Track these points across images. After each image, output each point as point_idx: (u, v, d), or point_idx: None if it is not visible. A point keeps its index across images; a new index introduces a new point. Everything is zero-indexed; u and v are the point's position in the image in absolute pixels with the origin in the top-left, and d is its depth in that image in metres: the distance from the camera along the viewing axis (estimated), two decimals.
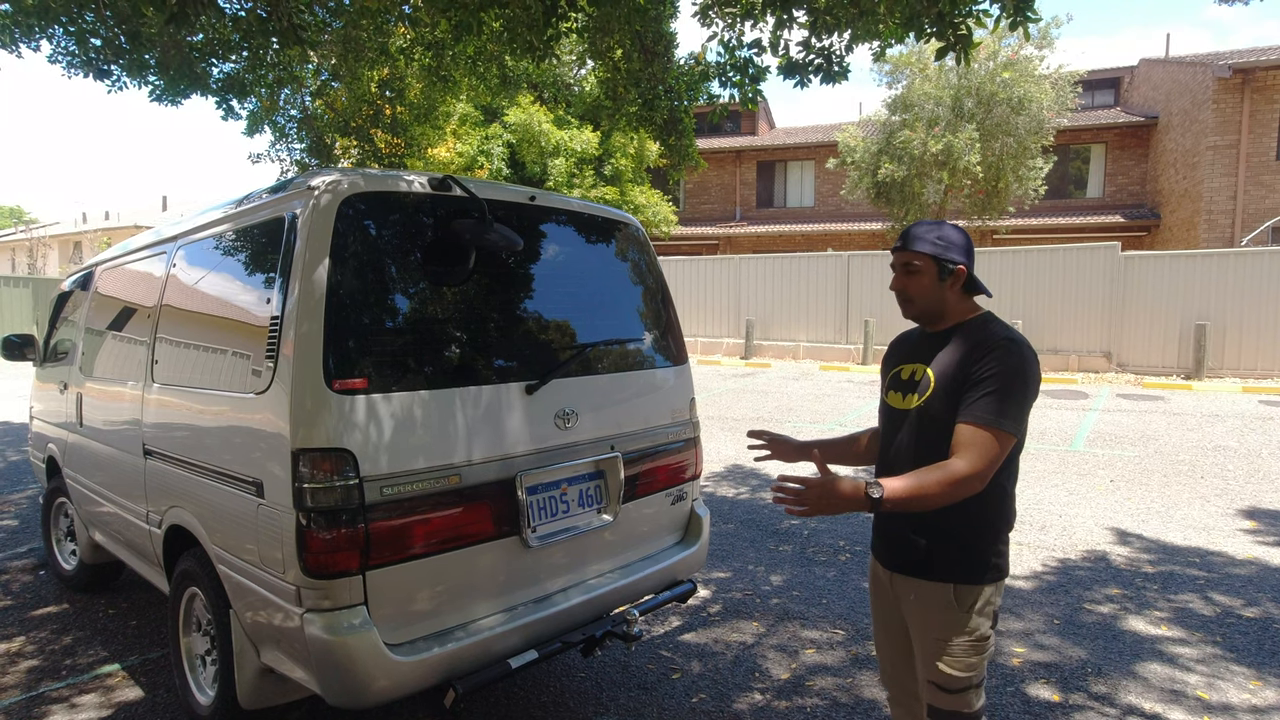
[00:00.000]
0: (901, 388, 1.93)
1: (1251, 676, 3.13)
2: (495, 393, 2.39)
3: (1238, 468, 6.72)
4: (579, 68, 19.54)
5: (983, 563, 1.81)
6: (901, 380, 1.94)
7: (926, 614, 1.85)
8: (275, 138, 10.44)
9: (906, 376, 1.93)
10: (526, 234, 2.59)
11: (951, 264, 1.84)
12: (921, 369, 1.88)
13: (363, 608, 2.08)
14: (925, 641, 1.86)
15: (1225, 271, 12.31)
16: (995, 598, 1.85)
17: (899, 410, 1.92)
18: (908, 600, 1.90)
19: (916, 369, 1.90)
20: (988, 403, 1.70)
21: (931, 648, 1.84)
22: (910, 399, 1.88)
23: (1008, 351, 1.74)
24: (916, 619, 1.89)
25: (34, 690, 3.12)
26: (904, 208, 17.77)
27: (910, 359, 1.95)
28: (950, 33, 3.89)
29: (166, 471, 2.79)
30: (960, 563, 1.81)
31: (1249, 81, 15.93)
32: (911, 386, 1.89)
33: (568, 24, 5.60)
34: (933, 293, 1.86)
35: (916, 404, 1.86)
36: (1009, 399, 1.70)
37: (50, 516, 4.42)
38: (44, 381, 4.44)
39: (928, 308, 1.89)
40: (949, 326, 1.88)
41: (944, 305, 1.87)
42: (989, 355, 1.74)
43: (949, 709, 1.84)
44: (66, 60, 5.73)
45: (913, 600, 1.88)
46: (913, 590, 1.88)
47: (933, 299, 1.87)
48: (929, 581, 1.84)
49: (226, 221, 2.72)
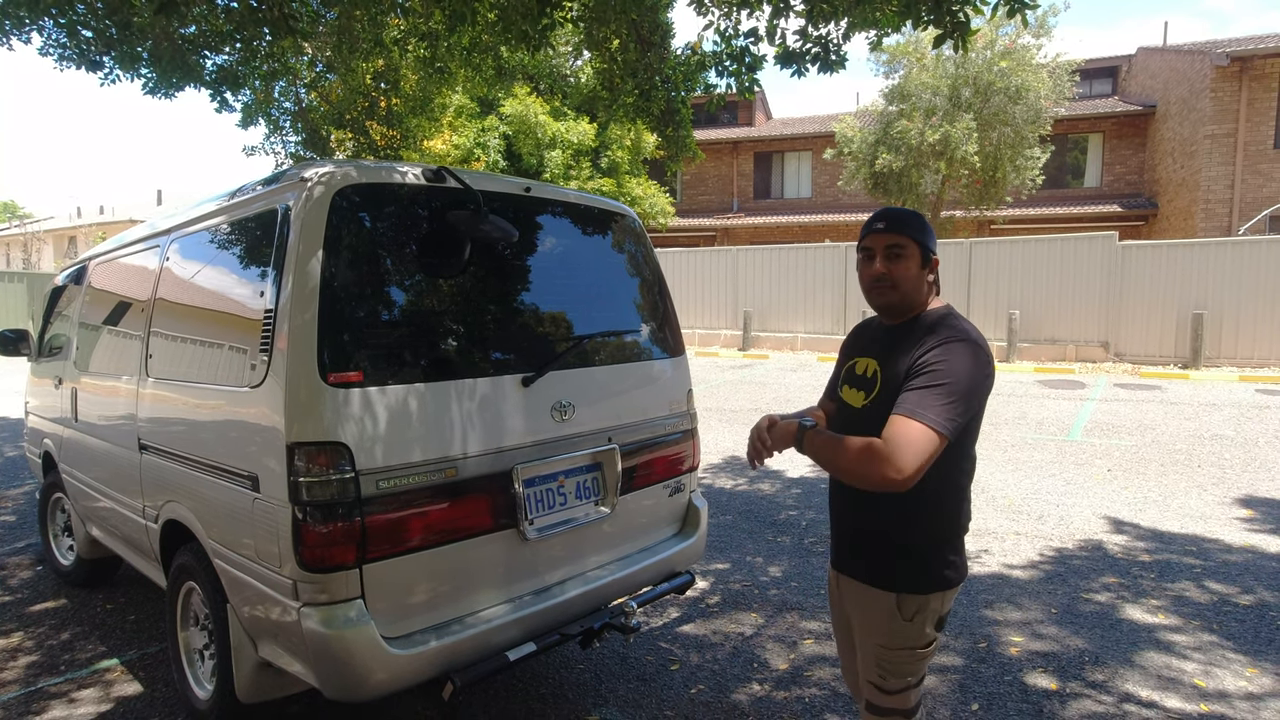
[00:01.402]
0: (856, 383, 1.85)
1: (1247, 664, 3.14)
2: (491, 385, 2.38)
3: (1234, 456, 6.73)
4: (575, 58, 19.45)
5: (931, 573, 1.75)
6: (856, 375, 1.86)
7: (868, 619, 1.81)
8: (270, 130, 10.40)
9: (861, 371, 1.84)
10: (522, 226, 2.58)
11: (930, 254, 1.78)
12: (873, 364, 1.81)
13: (359, 601, 2.08)
14: (866, 645, 1.83)
15: (1223, 260, 12.31)
16: (944, 603, 1.78)
17: (852, 409, 1.83)
18: (852, 603, 1.87)
19: (869, 364, 1.83)
20: (925, 395, 1.58)
21: (872, 652, 1.80)
22: (860, 396, 1.81)
23: (956, 353, 1.62)
24: (858, 621, 1.86)
25: (32, 685, 3.11)
26: (901, 198, 17.73)
27: (865, 353, 1.87)
28: (948, 20, 3.86)
29: (162, 466, 2.78)
30: (906, 573, 1.75)
31: (1247, 70, 15.89)
32: (864, 384, 1.81)
33: (562, 14, 5.55)
34: (916, 281, 1.76)
35: (864, 404, 1.79)
36: (947, 398, 1.57)
37: (47, 512, 4.41)
38: (39, 377, 4.42)
39: (908, 296, 1.77)
40: (909, 319, 1.80)
41: (920, 295, 1.79)
42: (936, 348, 1.65)
43: (887, 707, 1.82)
44: (58, 53, 5.68)
45: (855, 603, 1.85)
46: (856, 593, 1.84)
47: (915, 287, 1.77)
48: (872, 588, 1.79)
49: (220, 214, 2.70)
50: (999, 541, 4.68)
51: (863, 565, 1.81)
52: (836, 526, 1.92)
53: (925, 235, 1.77)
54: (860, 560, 1.82)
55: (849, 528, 1.86)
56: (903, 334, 1.78)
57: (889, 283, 1.75)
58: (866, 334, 1.93)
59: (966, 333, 1.69)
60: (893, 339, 1.80)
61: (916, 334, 1.74)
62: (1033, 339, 13.80)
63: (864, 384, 1.81)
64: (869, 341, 1.88)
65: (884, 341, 1.82)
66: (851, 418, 1.82)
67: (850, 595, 1.86)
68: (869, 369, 1.81)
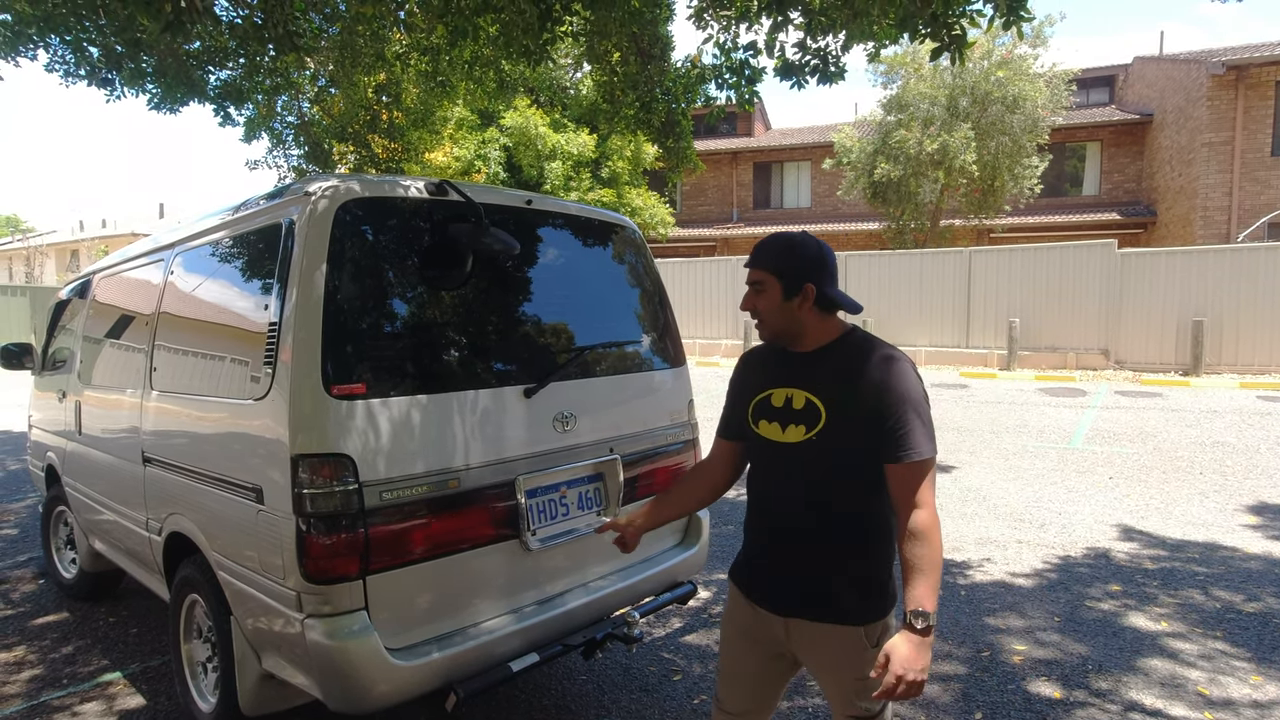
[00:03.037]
0: (777, 418, 1.74)
1: (1253, 671, 3.13)
2: (493, 396, 2.39)
3: (1236, 463, 6.73)
4: (575, 71, 19.57)
5: (887, 595, 1.74)
6: (775, 409, 1.75)
7: (836, 657, 1.73)
8: (272, 144, 10.46)
9: (781, 404, 1.74)
10: (523, 238, 2.60)
11: (798, 282, 1.69)
12: (801, 395, 1.71)
13: (363, 613, 2.08)
14: (843, 683, 1.73)
15: (1222, 267, 12.34)
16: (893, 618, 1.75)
17: (779, 444, 1.73)
18: (810, 646, 1.75)
19: (792, 395, 1.72)
20: (909, 433, 1.60)
21: (851, 687, 1.72)
22: (794, 431, 1.70)
23: (903, 373, 1.63)
24: (821, 662, 1.75)
25: (36, 699, 3.11)
26: (900, 207, 17.79)
27: (779, 383, 1.76)
28: (944, 33, 3.90)
29: (166, 479, 2.79)
30: (869, 603, 1.71)
31: (1243, 78, 15.97)
32: (793, 416, 1.71)
33: (563, 28, 5.61)
34: (783, 313, 1.71)
35: (805, 437, 1.68)
36: (925, 422, 1.62)
37: (50, 525, 4.41)
38: (42, 390, 4.44)
39: (781, 328, 1.74)
40: (817, 348, 1.74)
41: (799, 325, 1.72)
42: (887, 379, 1.63)
43: None
44: (64, 69, 5.73)
45: (820, 646, 1.73)
46: (820, 636, 1.72)
47: (784, 319, 1.72)
48: (842, 626, 1.70)
49: (224, 228, 2.73)
50: (1001, 550, 4.67)
51: (827, 607, 1.71)
52: (776, 568, 1.78)
53: (786, 264, 1.70)
54: (823, 602, 1.72)
55: (799, 570, 1.75)
56: (826, 362, 1.72)
57: (758, 318, 1.76)
58: (770, 362, 1.82)
59: (898, 357, 1.68)
60: (809, 367, 1.73)
61: (847, 367, 1.68)
62: (1033, 347, 13.80)
63: (797, 416, 1.71)
64: (781, 371, 1.78)
65: (804, 371, 1.73)
66: (785, 453, 1.72)
67: (807, 638, 1.74)
68: (793, 399, 1.72)
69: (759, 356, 1.88)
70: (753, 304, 1.75)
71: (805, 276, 1.69)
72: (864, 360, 1.67)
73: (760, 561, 1.82)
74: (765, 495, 1.81)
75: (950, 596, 3.98)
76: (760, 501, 1.83)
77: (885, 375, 1.64)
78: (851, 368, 1.68)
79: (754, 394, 1.81)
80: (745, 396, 1.84)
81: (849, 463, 1.67)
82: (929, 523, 1.60)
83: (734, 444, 1.91)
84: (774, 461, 1.76)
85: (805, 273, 1.70)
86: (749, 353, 1.93)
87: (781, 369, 1.78)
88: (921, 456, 1.60)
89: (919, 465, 1.60)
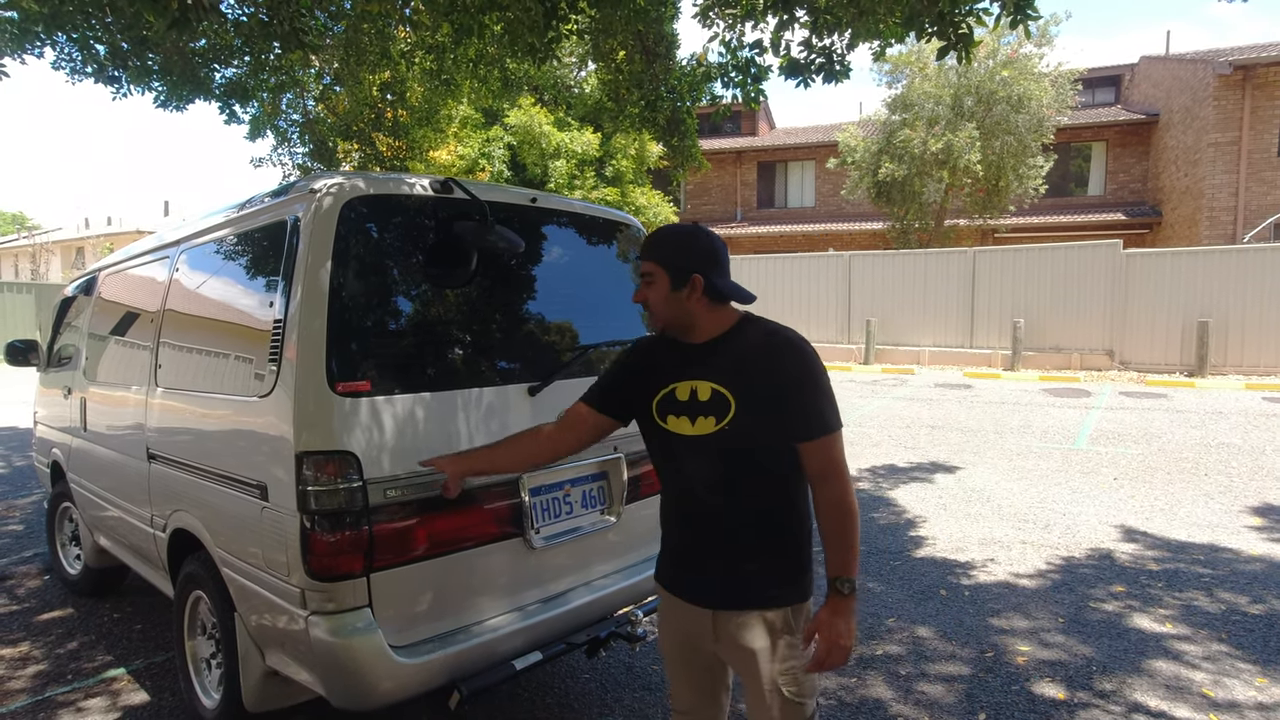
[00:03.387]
0: (685, 411, 1.72)
1: (1257, 673, 3.12)
2: (498, 394, 2.39)
3: (1242, 465, 6.70)
4: (579, 70, 19.56)
5: (807, 576, 1.74)
6: (681, 402, 1.72)
7: (765, 645, 1.70)
8: (277, 142, 10.46)
9: (686, 397, 1.72)
10: (528, 236, 2.59)
11: (685, 273, 1.69)
12: (707, 386, 1.70)
13: (367, 610, 2.08)
14: (768, 674, 1.70)
15: (1227, 268, 12.29)
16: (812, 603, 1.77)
17: (691, 437, 1.70)
18: (736, 637, 1.72)
19: (696, 387, 1.71)
20: (819, 410, 1.64)
21: (777, 679, 1.70)
22: (704, 423, 1.68)
23: (802, 352, 1.66)
24: (752, 653, 1.71)
25: (40, 695, 3.12)
26: (905, 207, 17.76)
27: (681, 376, 1.74)
28: (951, 32, 3.89)
29: (170, 475, 2.79)
30: (793, 582, 1.72)
31: (1250, 78, 15.90)
32: (700, 409, 1.69)
33: (568, 26, 5.60)
34: (672, 304, 1.72)
35: (716, 429, 1.67)
36: (829, 395, 1.66)
37: (55, 521, 4.43)
38: (48, 387, 4.45)
39: (671, 319, 1.74)
40: (711, 339, 1.73)
41: (691, 317, 1.72)
42: (789, 362, 1.65)
43: None
44: (71, 66, 5.75)
45: (746, 636, 1.71)
46: (745, 625, 1.70)
47: (674, 311, 1.72)
48: (766, 611, 1.69)
49: (229, 226, 2.73)
50: (1005, 550, 4.66)
51: (751, 593, 1.71)
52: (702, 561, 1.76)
53: (673, 255, 1.71)
54: (746, 589, 1.71)
55: (723, 559, 1.73)
56: (724, 351, 1.71)
57: (647, 310, 1.77)
58: (668, 355, 1.80)
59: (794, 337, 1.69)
60: (707, 359, 1.72)
61: (747, 355, 1.68)
62: (1037, 347, 13.77)
63: (705, 408, 1.69)
64: (680, 363, 1.76)
65: (704, 362, 1.72)
66: (698, 445, 1.70)
67: (733, 629, 1.72)
68: (698, 391, 1.71)
69: (654, 347, 1.86)
70: (643, 295, 1.76)
71: (693, 268, 1.70)
72: (762, 346, 1.69)
73: (681, 556, 1.82)
74: (681, 489, 1.80)
75: (954, 597, 3.97)
76: (676, 496, 1.82)
77: (784, 358, 1.66)
78: (750, 354, 1.69)
79: (657, 389, 1.78)
80: (644, 389, 1.81)
81: (761, 448, 1.68)
82: (845, 492, 1.65)
83: (598, 415, 1.87)
84: (687, 455, 1.74)
85: (693, 264, 1.70)
86: (644, 340, 1.92)
87: (681, 362, 1.76)
88: (831, 430, 1.66)
89: (830, 439, 1.65)
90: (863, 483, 6.39)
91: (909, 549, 4.72)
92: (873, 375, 13.85)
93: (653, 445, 1.84)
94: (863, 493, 6.06)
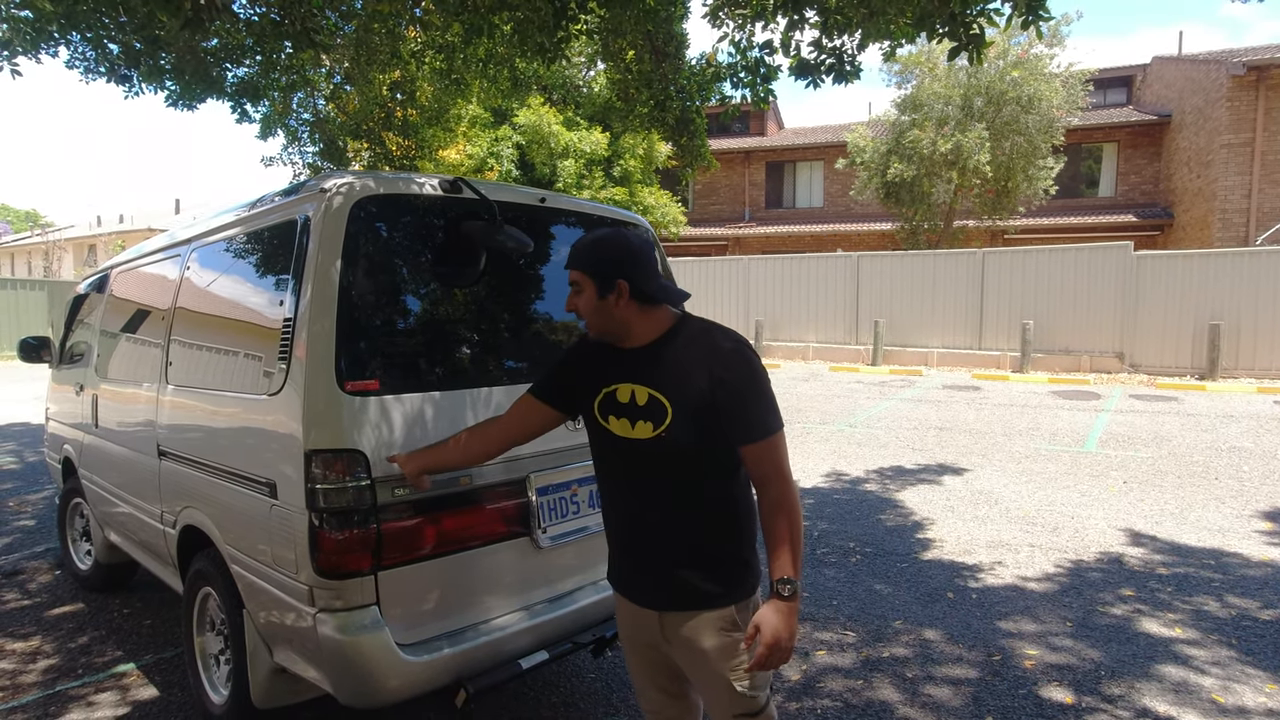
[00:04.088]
0: (626, 413, 1.71)
1: (1267, 680, 3.09)
2: (506, 394, 2.40)
3: (1253, 469, 6.65)
4: (588, 69, 19.57)
5: (751, 573, 1.75)
6: (621, 404, 1.71)
7: (714, 644, 1.70)
8: (288, 141, 10.51)
9: (626, 400, 1.71)
10: (537, 236, 2.60)
11: (610, 280, 1.66)
12: (644, 391, 1.68)
13: (375, 608, 2.09)
14: (720, 672, 1.70)
15: (1239, 270, 12.19)
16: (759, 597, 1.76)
17: (631, 440, 1.70)
18: (684, 638, 1.72)
19: (635, 390, 1.70)
20: (760, 413, 1.63)
21: (727, 676, 1.70)
22: (642, 427, 1.68)
23: (740, 356, 1.65)
24: (702, 652, 1.71)
25: (51, 689, 3.15)
26: (913, 208, 17.69)
27: (621, 378, 1.73)
28: (962, 32, 3.87)
29: (180, 472, 2.81)
30: (737, 581, 1.72)
31: (1264, 79, 15.76)
32: (639, 413, 1.69)
33: (578, 26, 5.61)
34: (600, 312, 1.70)
35: (654, 434, 1.66)
36: (770, 398, 1.65)
37: (66, 517, 4.46)
38: (60, 383, 4.49)
39: (602, 327, 1.72)
40: (649, 342, 1.71)
41: (622, 324, 1.70)
42: (727, 366, 1.63)
43: None
44: (84, 66, 5.79)
45: (694, 636, 1.71)
46: (692, 625, 1.71)
47: (602, 318, 1.70)
48: (712, 611, 1.70)
49: (239, 224, 2.75)
50: (1013, 553, 4.64)
51: (697, 592, 1.71)
52: (649, 563, 1.76)
53: (595, 262, 1.69)
54: (693, 589, 1.71)
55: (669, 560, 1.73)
56: (660, 356, 1.69)
57: (579, 317, 1.75)
58: (603, 359, 1.78)
59: (736, 339, 1.69)
60: (646, 362, 1.70)
61: (686, 359, 1.67)
62: (1047, 349, 13.69)
63: (643, 413, 1.68)
64: (620, 365, 1.74)
65: (636, 364, 1.71)
66: (637, 449, 1.70)
67: (682, 630, 1.72)
68: (637, 395, 1.70)
69: (587, 350, 1.85)
70: (574, 305, 1.74)
71: (616, 273, 1.67)
72: (699, 349, 1.67)
73: (625, 559, 1.82)
74: (621, 491, 1.80)
75: (961, 599, 3.95)
76: (617, 498, 1.82)
77: (722, 361, 1.64)
78: (687, 359, 1.67)
79: (599, 387, 1.77)
80: (588, 386, 1.80)
81: (700, 452, 1.67)
82: (788, 494, 1.64)
83: (544, 407, 1.89)
84: (625, 457, 1.74)
85: (616, 270, 1.67)
86: (579, 347, 1.90)
87: (620, 364, 1.75)
88: (772, 433, 1.64)
89: (771, 441, 1.64)
90: (870, 484, 6.37)
91: (916, 551, 4.70)
92: (881, 376, 13.81)
93: (594, 443, 1.84)
94: (870, 494, 6.04)
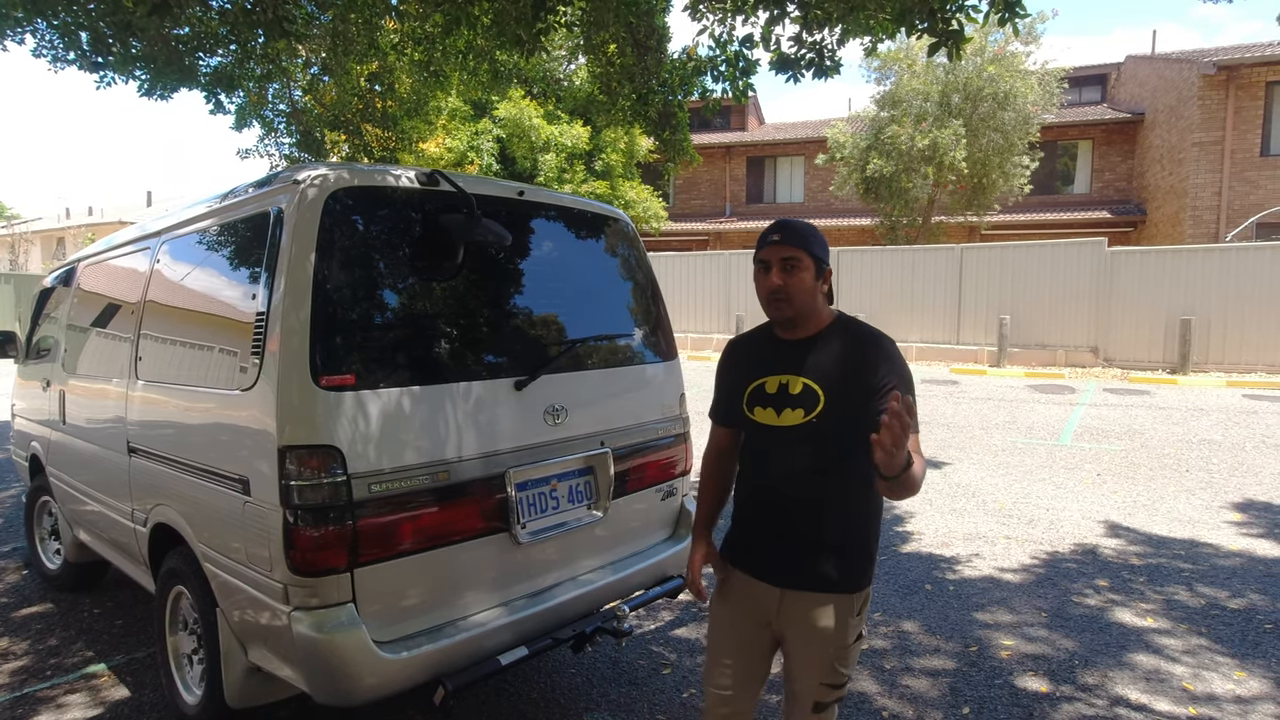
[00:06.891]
0: (772, 403, 1.80)
1: (1236, 667, 3.16)
2: (484, 389, 2.37)
3: (1222, 461, 6.79)
4: (569, 63, 19.47)
5: (872, 564, 1.86)
6: (769, 395, 1.81)
7: (831, 626, 1.78)
8: (264, 132, 10.34)
9: (775, 390, 1.80)
10: (515, 229, 2.57)
11: (824, 265, 1.78)
12: (797, 381, 1.77)
13: (351, 605, 2.07)
14: (824, 651, 1.80)
15: (1210, 267, 12.42)
16: None
17: (777, 428, 1.79)
18: (803, 615, 1.80)
19: (789, 381, 1.78)
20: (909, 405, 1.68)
21: (831, 655, 1.80)
22: (790, 415, 1.77)
23: (894, 354, 1.74)
24: (817, 632, 1.79)
25: (20, 691, 3.08)
26: (892, 203, 17.81)
27: (773, 370, 1.82)
28: (941, 28, 3.89)
29: (151, 469, 2.76)
30: (860, 571, 1.81)
31: (1234, 78, 16.04)
32: (789, 401, 1.77)
33: (556, 18, 5.56)
34: (811, 293, 1.77)
35: (804, 420, 1.75)
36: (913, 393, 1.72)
37: (34, 515, 4.37)
38: (26, 379, 4.38)
39: (804, 309, 1.78)
40: (813, 333, 1.81)
41: (815, 311, 1.80)
42: (881, 360, 1.72)
43: (834, 699, 1.86)
44: (53, 53, 5.64)
45: (814, 616, 1.79)
46: (816, 605, 1.79)
47: (809, 299, 1.78)
48: (839, 595, 1.79)
49: (211, 216, 2.69)
50: (990, 545, 4.70)
51: (829, 576, 1.78)
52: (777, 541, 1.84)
53: (818, 247, 1.78)
54: (825, 572, 1.79)
55: (802, 541, 1.81)
56: (813, 348, 1.79)
57: (783, 296, 1.77)
58: (762, 351, 1.89)
59: (886, 336, 1.79)
60: (803, 353, 1.80)
61: (842, 349, 1.77)
62: (1023, 344, 13.87)
63: (794, 401, 1.76)
64: (771, 359, 1.84)
65: (792, 356, 1.81)
66: (785, 436, 1.78)
67: (801, 609, 1.81)
68: (790, 385, 1.78)
69: (745, 345, 1.97)
70: (783, 281, 1.76)
71: (827, 261, 1.80)
72: (858, 344, 1.78)
73: (758, 537, 1.89)
74: (763, 474, 1.87)
75: (939, 592, 3.99)
76: (757, 480, 1.89)
77: (879, 358, 1.74)
78: (847, 352, 1.77)
79: (747, 382, 1.88)
80: (739, 384, 1.90)
81: (845, 442, 1.74)
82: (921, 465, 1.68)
83: (731, 430, 2.01)
84: (771, 443, 1.83)
85: (827, 258, 1.80)
86: (735, 342, 2.01)
87: (772, 358, 1.85)
88: (917, 429, 1.68)
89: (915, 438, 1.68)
90: None
91: (895, 544, 4.74)
92: None
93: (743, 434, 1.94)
94: None
